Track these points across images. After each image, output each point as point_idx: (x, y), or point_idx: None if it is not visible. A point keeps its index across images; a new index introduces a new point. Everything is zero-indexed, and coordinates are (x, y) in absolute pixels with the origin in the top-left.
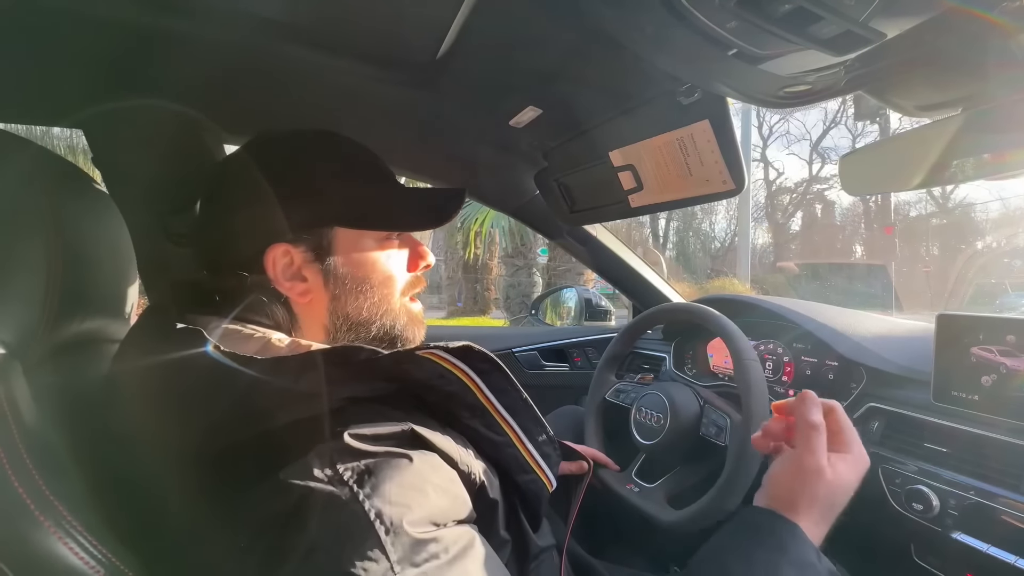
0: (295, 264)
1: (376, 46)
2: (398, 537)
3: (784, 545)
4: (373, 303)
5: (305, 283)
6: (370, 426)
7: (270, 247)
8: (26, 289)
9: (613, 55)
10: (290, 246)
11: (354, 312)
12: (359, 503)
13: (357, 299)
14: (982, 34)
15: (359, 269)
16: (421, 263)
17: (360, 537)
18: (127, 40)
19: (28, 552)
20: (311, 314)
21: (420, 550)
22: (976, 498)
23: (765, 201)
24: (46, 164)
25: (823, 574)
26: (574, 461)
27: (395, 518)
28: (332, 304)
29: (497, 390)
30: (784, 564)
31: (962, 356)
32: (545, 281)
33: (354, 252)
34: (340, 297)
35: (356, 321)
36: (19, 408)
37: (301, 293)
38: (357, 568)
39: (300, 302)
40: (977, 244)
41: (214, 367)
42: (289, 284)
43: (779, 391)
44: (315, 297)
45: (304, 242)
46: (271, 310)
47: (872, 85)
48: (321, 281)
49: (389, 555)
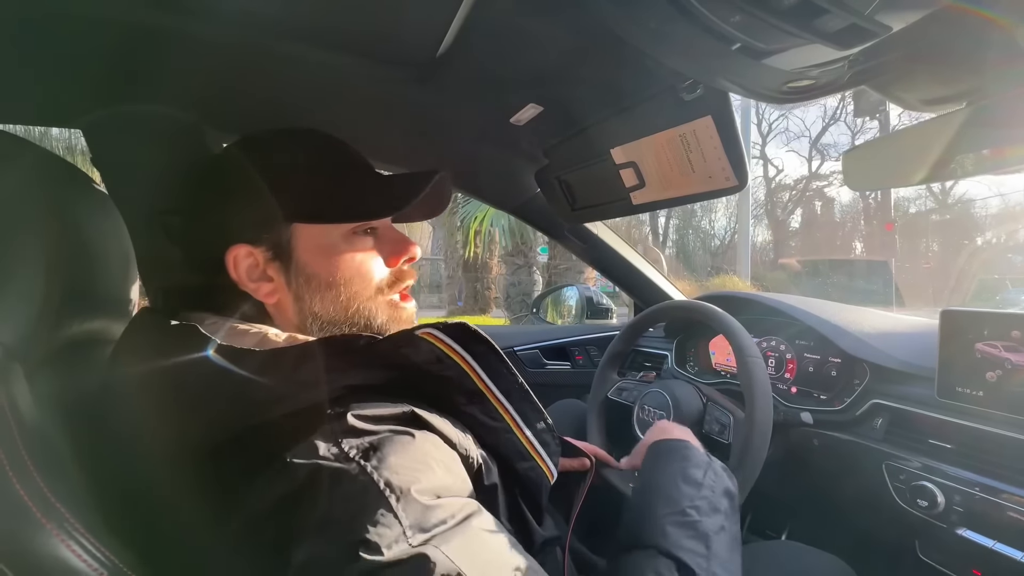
0: (259, 264)
1: (377, 45)
2: (409, 504)
3: (686, 453)
4: (341, 301)
5: (271, 283)
6: (371, 407)
7: (231, 247)
8: (27, 290)
9: (615, 51)
10: (251, 246)
11: (322, 311)
12: (367, 474)
13: (323, 298)
14: (986, 28)
15: (323, 266)
16: (403, 256)
17: (373, 505)
18: (128, 41)
19: (30, 554)
20: (281, 314)
21: (429, 516)
22: (981, 494)
23: (765, 198)
24: (47, 165)
25: (717, 468)
26: (576, 458)
27: (404, 486)
28: (297, 304)
29: (494, 373)
30: (691, 467)
31: (966, 352)
32: (545, 280)
33: (318, 249)
34: (304, 296)
35: (327, 320)
36: (20, 409)
37: (268, 293)
38: (372, 534)
39: (268, 302)
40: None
41: (212, 361)
42: (255, 285)
43: (781, 388)
44: (281, 297)
45: (264, 241)
46: (244, 310)
47: (876, 80)
48: (284, 280)
49: (401, 520)
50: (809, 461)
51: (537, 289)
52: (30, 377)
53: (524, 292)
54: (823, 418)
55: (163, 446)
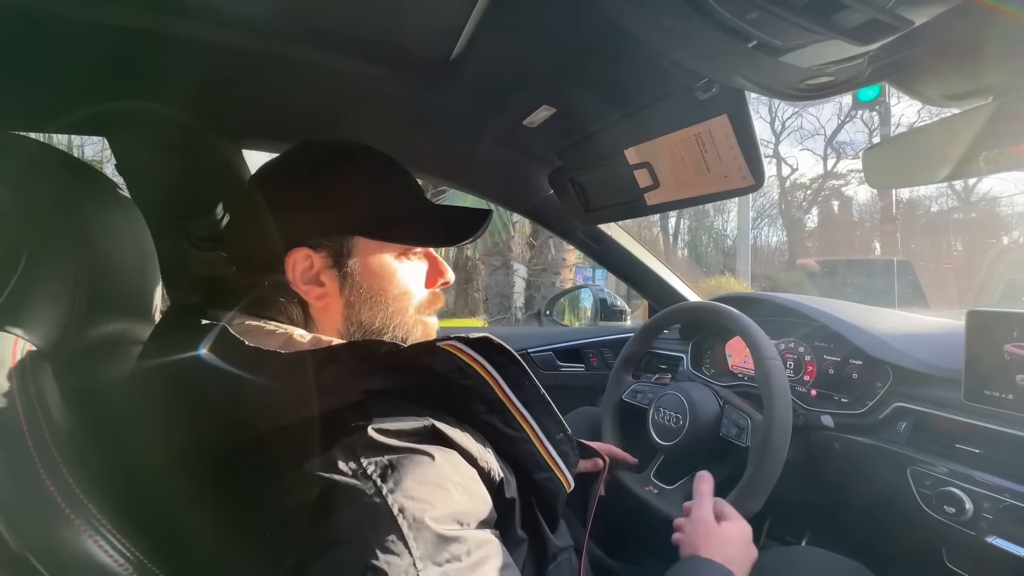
0: (315, 268)
1: (391, 48)
2: (421, 533)
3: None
4: (387, 314)
5: (322, 287)
6: (392, 420)
7: (292, 250)
8: (55, 291)
9: (629, 50)
10: (311, 251)
11: (367, 320)
12: (383, 497)
13: (372, 308)
14: (1011, 21)
15: (376, 279)
16: (440, 280)
17: (384, 531)
18: (146, 47)
19: (59, 549)
20: (326, 318)
21: (443, 549)
22: (1012, 500)
23: (779, 198)
24: (73, 170)
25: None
26: (589, 458)
27: (418, 514)
28: (347, 310)
29: (514, 384)
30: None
31: (995, 354)
32: (524, 280)
33: (373, 262)
34: (354, 304)
35: (369, 329)
36: (49, 408)
37: (317, 296)
38: (380, 562)
39: (316, 305)
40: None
41: (239, 362)
42: (306, 287)
43: (801, 390)
44: (330, 302)
45: (325, 248)
46: (289, 310)
47: (897, 76)
48: (337, 287)
49: (412, 550)
50: (830, 465)
51: (515, 291)
52: (58, 376)
53: (502, 294)
54: (844, 421)
55: (188, 444)
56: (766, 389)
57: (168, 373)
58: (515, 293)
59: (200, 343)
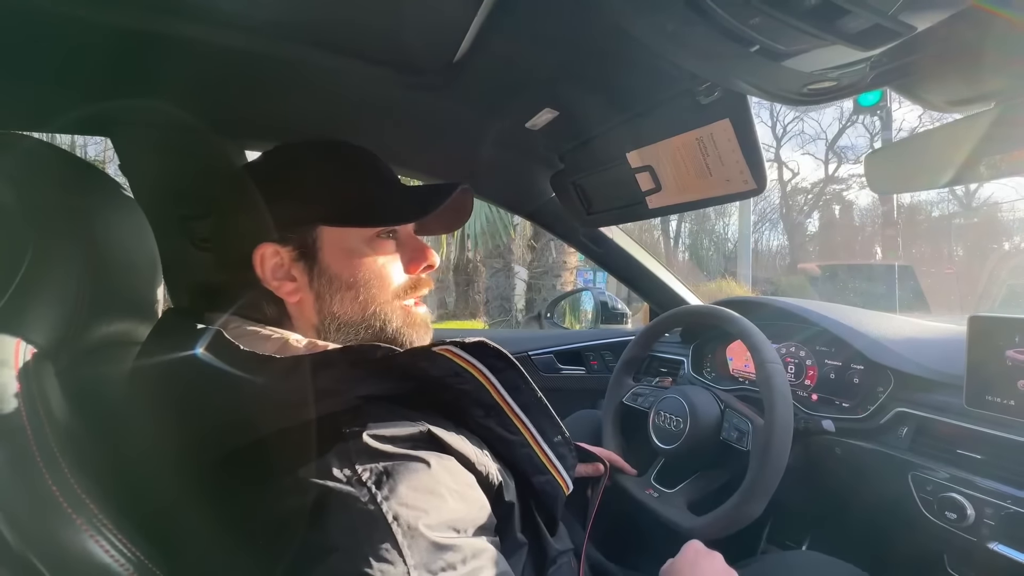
0: (284, 264)
1: (395, 51)
2: (415, 540)
3: None
4: (360, 302)
5: (294, 282)
6: (388, 426)
7: (259, 246)
8: (58, 292)
9: (631, 54)
10: (279, 245)
11: (340, 311)
12: (377, 504)
13: (343, 299)
14: (1013, 27)
15: (346, 268)
16: (423, 263)
17: (378, 539)
18: (150, 48)
19: (60, 548)
20: (301, 313)
21: (438, 557)
22: (1014, 507)
23: (780, 202)
24: (76, 170)
25: None
26: (590, 463)
27: (412, 521)
28: (318, 303)
29: (511, 388)
30: None
31: (996, 359)
32: (524, 283)
33: (341, 251)
34: (325, 296)
35: (344, 321)
36: (52, 408)
37: (290, 292)
38: (374, 570)
39: (290, 301)
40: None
41: (234, 366)
42: (278, 283)
43: (802, 395)
44: (303, 297)
45: (291, 241)
46: (265, 308)
47: (900, 81)
48: (307, 280)
49: (406, 558)
50: (831, 470)
51: (516, 293)
52: (61, 376)
53: (502, 296)
54: (845, 426)
55: (185, 447)
56: (767, 393)
57: (164, 377)
58: (516, 295)
59: (195, 347)
